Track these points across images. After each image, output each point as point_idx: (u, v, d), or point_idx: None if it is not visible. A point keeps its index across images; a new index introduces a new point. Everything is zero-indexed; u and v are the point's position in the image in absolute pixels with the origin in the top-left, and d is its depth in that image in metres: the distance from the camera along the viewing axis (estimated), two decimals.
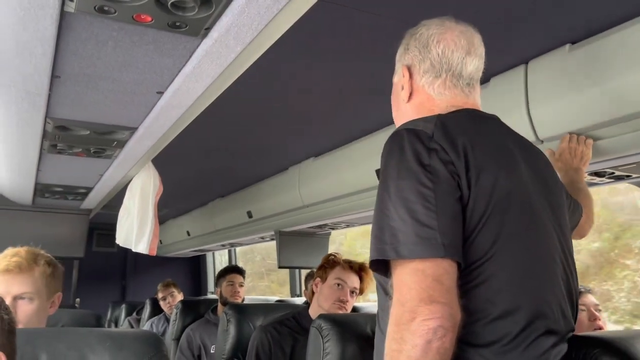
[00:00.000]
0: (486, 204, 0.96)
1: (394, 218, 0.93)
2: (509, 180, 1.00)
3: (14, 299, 1.47)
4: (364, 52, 1.54)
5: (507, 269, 0.96)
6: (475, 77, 1.15)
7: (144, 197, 2.33)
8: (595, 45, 1.35)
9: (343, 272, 2.11)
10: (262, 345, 2.07)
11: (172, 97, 1.39)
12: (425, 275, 0.89)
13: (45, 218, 3.08)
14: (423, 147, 0.96)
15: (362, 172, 2.30)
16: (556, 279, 1.04)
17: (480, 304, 0.95)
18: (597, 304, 2.11)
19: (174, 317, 3.31)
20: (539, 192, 1.07)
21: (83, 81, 1.33)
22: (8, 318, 0.93)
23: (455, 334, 0.88)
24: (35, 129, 1.68)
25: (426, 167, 0.94)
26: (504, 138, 1.10)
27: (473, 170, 0.96)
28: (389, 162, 0.99)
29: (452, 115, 1.06)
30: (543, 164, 1.17)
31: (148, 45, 1.12)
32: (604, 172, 1.67)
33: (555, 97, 1.46)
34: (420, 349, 0.85)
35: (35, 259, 1.53)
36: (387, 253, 0.92)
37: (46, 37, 1.06)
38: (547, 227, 1.06)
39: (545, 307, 0.99)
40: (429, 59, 1.12)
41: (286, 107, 2.03)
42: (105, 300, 5.16)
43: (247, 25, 0.98)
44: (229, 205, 3.88)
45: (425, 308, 0.86)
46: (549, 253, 1.05)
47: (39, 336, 1.25)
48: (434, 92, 1.13)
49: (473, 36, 1.14)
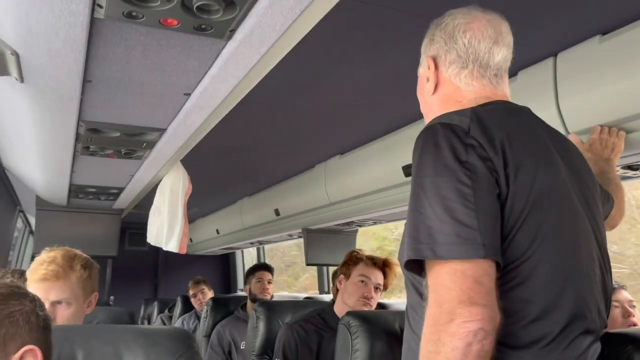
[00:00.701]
0: (525, 201, 0.93)
1: (430, 217, 0.90)
2: (548, 176, 0.97)
3: (52, 305, 1.50)
4: (387, 48, 1.53)
5: (546, 269, 0.93)
6: (504, 67, 1.12)
7: (173, 196, 2.37)
8: (627, 35, 1.31)
9: (366, 269, 2.11)
10: (289, 343, 2.08)
11: (199, 99, 1.41)
12: (465, 276, 0.86)
13: (79, 218, 3.17)
14: (460, 142, 0.92)
15: (388, 169, 2.29)
16: (594, 277, 1.01)
17: (518, 305, 0.92)
18: (631, 300, 2.06)
19: (205, 315, 3.36)
20: (575, 186, 1.04)
21: (113, 85, 1.37)
22: (43, 314, 0.95)
23: (495, 336, 0.85)
24: (69, 132, 1.73)
25: (464, 163, 0.91)
26: (539, 131, 1.06)
27: (511, 166, 0.93)
28: (424, 158, 0.95)
29: (486, 109, 1.03)
30: (576, 157, 1.13)
31: (175, 48, 1.14)
32: (637, 165, 1.63)
33: (585, 90, 1.43)
34: (461, 351, 0.82)
35: (71, 265, 1.55)
36: (423, 253, 0.90)
37: (77, 43, 1.09)
38: (585, 224, 1.03)
39: (584, 307, 0.97)
40: (455, 49, 1.09)
41: (311, 105, 2.03)
42: (138, 298, 5.28)
43: (271, 26, 0.99)
44: (256, 203, 3.91)
45: (465, 310, 0.84)
46: (587, 250, 1.01)
47: (75, 333, 1.29)
48: (461, 83, 1.10)
49: (501, 25, 1.11)
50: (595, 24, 1.36)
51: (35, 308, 0.94)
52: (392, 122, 2.20)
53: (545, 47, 1.48)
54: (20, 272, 2.06)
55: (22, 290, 0.96)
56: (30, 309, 0.93)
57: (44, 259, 1.55)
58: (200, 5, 0.94)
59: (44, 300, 1.47)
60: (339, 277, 2.18)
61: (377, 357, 1.59)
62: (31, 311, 0.93)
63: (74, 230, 3.12)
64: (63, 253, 1.57)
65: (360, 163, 2.53)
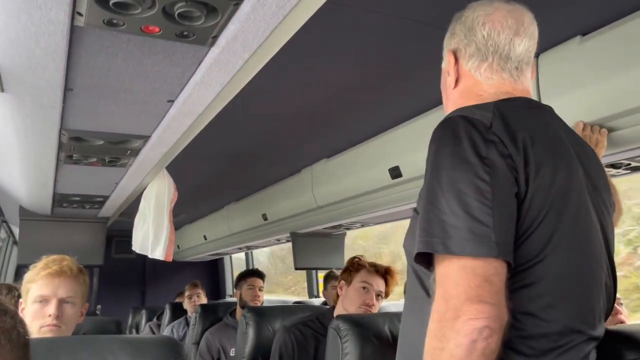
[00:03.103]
0: (544, 202, 0.91)
1: (444, 211, 0.87)
2: (567, 177, 0.95)
3: (59, 302, 1.51)
4: (372, 51, 1.54)
5: (557, 271, 0.92)
6: (525, 60, 1.08)
7: (159, 203, 2.35)
8: (606, 36, 1.33)
9: (368, 276, 2.09)
10: (286, 346, 2.08)
11: (183, 105, 1.40)
12: (475, 274, 0.84)
13: (64, 227, 3.13)
14: (480, 137, 0.90)
15: (375, 172, 2.30)
16: (601, 285, 1.00)
17: (525, 307, 0.90)
18: (618, 297, 2.08)
19: (193, 322, 3.34)
20: (591, 192, 1.02)
21: (95, 93, 1.35)
22: (23, 331, 0.93)
23: (501, 336, 0.84)
24: (51, 141, 1.71)
25: (484, 159, 0.88)
26: (560, 131, 1.04)
27: (532, 165, 0.91)
28: (441, 150, 0.92)
29: (509, 105, 1.00)
30: (593, 162, 1.10)
31: (157, 55, 1.13)
32: (620, 164, 1.64)
33: (567, 90, 1.44)
34: (465, 348, 0.81)
35: (80, 267, 1.60)
36: (435, 247, 0.88)
37: (58, 51, 1.08)
38: (597, 228, 1.01)
39: (589, 314, 0.96)
40: (475, 42, 1.07)
41: (297, 109, 2.03)
42: (126, 307, 5.22)
43: (254, 32, 0.99)
44: (244, 208, 3.90)
45: (471, 307, 0.82)
46: (596, 257, 1.00)
47: (60, 344, 1.27)
48: (481, 76, 1.07)
49: (523, 15, 1.07)
50: (575, 25, 1.38)
51: (16, 325, 0.92)
52: (377, 125, 2.21)
53: None
54: (9, 287, 2.02)
55: (2, 307, 0.93)
56: (11, 325, 0.90)
57: (54, 258, 1.58)
58: (181, 12, 0.94)
59: (52, 297, 1.50)
60: (340, 283, 2.17)
61: None
62: (12, 328, 0.90)
63: (59, 240, 3.08)
64: (70, 257, 1.60)
65: (346, 166, 2.53)
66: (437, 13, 1.19)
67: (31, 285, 1.53)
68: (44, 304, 1.51)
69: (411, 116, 2.07)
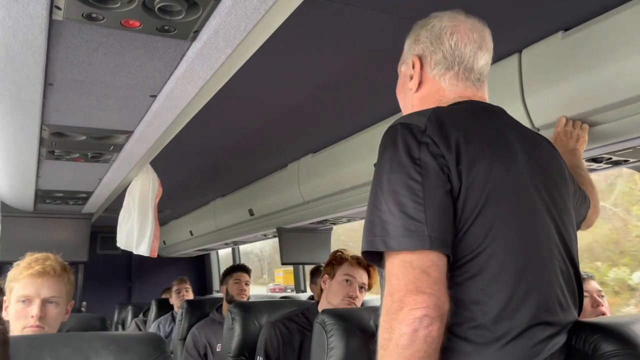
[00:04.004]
0: (479, 196, 0.96)
1: (384, 211, 0.95)
2: (504, 172, 1.01)
3: (42, 302, 1.50)
4: (357, 47, 1.53)
5: (499, 261, 0.96)
6: (484, 73, 1.16)
7: (143, 199, 2.34)
8: (588, 31, 1.34)
9: (351, 268, 2.11)
10: (271, 340, 2.08)
11: (166, 100, 1.39)
12: (413, 267, 0.91)
13: (47, 223, 3.09)
14: (414, 141, 0.97)
15: (361, 167, 2.30)
16: (553, 270, 1.04)
17: (474, 296, 0.95)
18: (599, 290, 2.11)
19: (180, 317, 3.32)
20: (539, 183, 1.06)
21: (76, 87, 1.33)
22: (2, 328, 0.93)
23: (442, 323, 0.90)
24: (32, 137, 1.69)
25: (416, 160, 0.95)
26: (504, 130, 1.09)
27: (465, 162, 0.97)
28: (383, 156, 1.00)
29: (451, 108, 1.07)
30: (548, 156, 1.16)
31: (138, 50, 1.12)
32: (601, 158, 1.66)
33: (549, 85, 1.46)
34: (407, 337, 0.88)
35: (64, 266, 1.57)
36: (377, 245, 0.95)
37: (36, 45, 1.06)
38: (544, 219, 1.05)
39: (540, 299, 0.99)
40: (442, 50, 1.13)
41: (282, 104, 2.03)
42: (112, 303, 5.19)
43: (236, 26, 0.98)
44: (230, 204, 3.88)
45: (411, 298, 0.89)
46: (546, 245, 1.04)
47: (43, 342, 1.26)
48: (445, 83, 1.13)
49: (484, 30, 1.15)
50: (558, 20, 1.39)
51: None
52: (362, 120, 2.21)
53: (510, 44, 1.51)
54: None
55: None
56: None
57: (37, 257, 1.56)
58: (162, 6, 0.93)
59: (35, 297, 1.49)
60: (323, 277, 2.18)
61: (352, 354, 1.60)
62: None
63: (42, 236, 3.04)
64: (54, 255, 1.59)
65: (332, 161, 2.53)
66: (421, 9, 1.19)
67: (14, 284, 1.52)
68: (27, 304, 1.50)
69: (396, 111, 2.07)
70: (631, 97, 1.31)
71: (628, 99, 1.32)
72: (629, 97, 1.32)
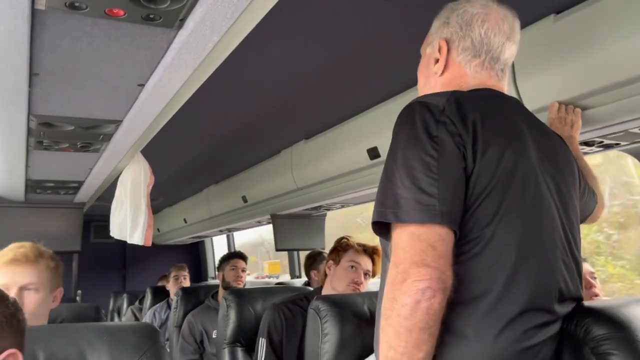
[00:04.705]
0: (490, 177, 0.98)
1: (397, 185, 0.96)
2: (515, 157, 1.02)
3: (20, 290, 1.49)
4: (349, 32, 1.52)
5: (503, 244, 0.98)
6: (508, 64, 1.17)
7: (135, 188, 2.32)
8: (580, 14, 1.33)
9: (357, 255, 2.13)
10: (275, 323, 2.10)
11: (154, 89, 1.37)
12: (420, 240, 0.92)
13: (39, 214, 3.07)
14: (433, 119, 0.98)
15: (354, 152, 2.30)
16: (555, 260, 1.04)
17: (473, 276, 0.97)
18: (592, 272, 2.12)
19: (175, 305, 3.33)
20: (547, 173, 1.08)
21: (62, 77, 1.31)
22: (22, 318, 0.96)
23: (445, 296, 0.92)
24: (20, 127, 1.67)
25: (433, 138, 0.96)
26: (517, 118, 1.10)
27: (480, 144, 0.98)
28: (400, 132, 1.01)
29: (469, 93, 1.07)
30: (557, 148, 1.17)
31: (124, 39, 1.10)
32: (593, 141, 1.66)
33: (541, 68, 1.45)
34: (409, 308, 0.89)
35: (40, 253, 1.57)
36: (387, 217, 0.96)
37: (19, 35, 1.04)
38: (550, 208, 1.06)
39: (539, 285, 1.00)
40: (471, 37, 1.12)
41: (274, 90, 2.01)
42: (107, 291, 5.19)
43: (222, 14, 0.96)
44: (223, 190, 3.88)
45: (416, 270, 0.90)
46: (549, 233, 1.05)
47: (36, 333, 1.26)
48: (470, 70, 1.14)
49: (514, 22, 1.15)
50: (549, 4, 1.38)
51: (16, 312, 0.94)
52: (355, 106, 2.20)
53: None
54: None
55: (3, 294, 0.94)
56: (12, 312, 0.92)
57: (13, 246, 1.56)
58: None
59: (12, 284, 1.48)
60: (328, 263, 2.20)
61: (347, 340, 1.61)
62: (13, 314, 0.92)
63: (34, 227, 3.03)
64: (31, 244, 1.59)
65: (325, 147, 2.53)
66: None
67: None
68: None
69: (389, 97, 2.07)
70: (623, 80, 1.31)
71: (620, 82, 1.32)
72: (621, 80, 1.31)
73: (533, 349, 0.98)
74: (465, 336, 0.96)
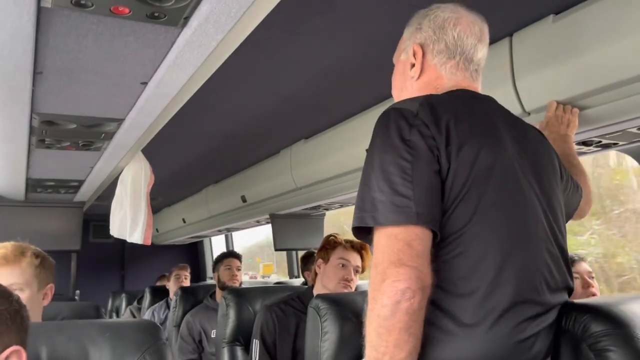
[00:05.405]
0: (466, 177, 1.00)
1: (374, 189, 0.98)
2: (491, 155, 1.04)
3: None
4: (350, 32, 1.53)
5: (484, 241, 1.00)
6: (481, 65, 1.20)
7: (135, 187, 2.33)
8: (579, 15, 1.34)
9: (345, 252, 2.14)
10: (267, 324, 2.10)
11: (156, 87, 1.38)
12: (397, 239, 0.94)
13: (39, 212, 3.07)
14: (406, 123, 1.01)
15: (354, 152, 2.30)
16: (540, 253, 1.07)
17: (459, 274, 0.98)
18: (590, 271, 2.14)
19: (174, 305, 3.34)
20: (526, 169, 1.10)
21: (66, 75, 1.32)
22: (26, 315, 0.96)
23: (424, 296, 0.93)
24: (22, 125, 1.67)
25: (407, 142, 0.99)
26: (493, 116, 1.13)
27: (454, 144, 1.01)
28: (376, 138, 1.04)
29: (444, 95, 1.11)
30: (536, 143, 1.19)
31: (128, 37, 1.11)
32: (590, 141, 1.67)
33: (540, 69, 1.46)
34: (389, 308, 0.91)
35: (21, 252, 1.53)
36: (366, 220, 0.99)
37: (25, 33, 1.05)
38: (531, 202, 1.08)
39: (525, 278, 1.02)
40: (445, 40, 1.16)
41: (274, 89, 2.02)
42: (105, 291, 5.19)
43: (226, 12, 0.97)
44: (222, 190, 3.88)
45: (394, 270, 0.92)
46: (532, 227, 1.07)
47: (38, 330, 1.26)
48: (446, 71, 1.17)
49: (483, 26, 1.19)
50: (548, 4, 1.39)
51: (20, 309, 0.94)
52: (355, 106, 2.21)
53: (501, 28, 1.50)
54: None
55: (8, 291, 0.95)
56: (16, 308, 0.93)
57: None
58: None
59: None
60: (318, 262, 2.21)
61: (346, 338, 1.61)
62: (17, 312, 0.93)
63: (34, 225, 3.03)
64: (13, 243, 1.56)
65: (324, 147, 2.53)
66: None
67: None
68: None
69: (388, 97, 2.07)
70: (621, 80, 1.32)
71: (618, 82, 1.33)
72: (619, 81, 1.33)
73: (527, 342, 1.00)
74: (457, 333, 0.97)
